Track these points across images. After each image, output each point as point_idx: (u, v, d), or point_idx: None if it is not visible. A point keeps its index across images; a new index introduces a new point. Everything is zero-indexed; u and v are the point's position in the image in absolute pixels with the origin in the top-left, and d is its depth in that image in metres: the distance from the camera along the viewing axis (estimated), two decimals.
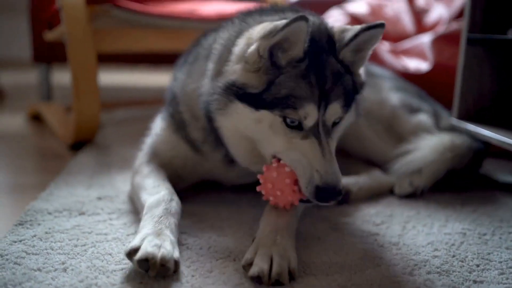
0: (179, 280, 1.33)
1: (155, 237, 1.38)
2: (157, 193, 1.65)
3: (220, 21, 3.03)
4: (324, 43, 1.56)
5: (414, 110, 2.33)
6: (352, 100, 1.62)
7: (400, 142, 2.24)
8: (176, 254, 1.38)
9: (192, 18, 3.02)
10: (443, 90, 2.78)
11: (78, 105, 2.63)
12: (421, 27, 3.51)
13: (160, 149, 1.94)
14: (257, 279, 1.32)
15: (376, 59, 3.04)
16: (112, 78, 5.69)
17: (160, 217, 1.50)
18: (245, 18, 1.75)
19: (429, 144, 2.14)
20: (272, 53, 1.49)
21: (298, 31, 1.44)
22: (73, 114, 2.67)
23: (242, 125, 1.57)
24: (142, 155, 1.98)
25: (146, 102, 4.01)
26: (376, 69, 2.57)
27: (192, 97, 1.80)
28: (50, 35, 3.21)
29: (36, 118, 3.56)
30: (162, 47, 3.05)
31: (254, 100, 1.51)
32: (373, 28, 1.53)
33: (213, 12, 3.11)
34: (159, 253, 1.32)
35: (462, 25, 2.35)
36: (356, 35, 1.54)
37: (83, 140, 2.77)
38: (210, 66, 1.69)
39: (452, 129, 2.35)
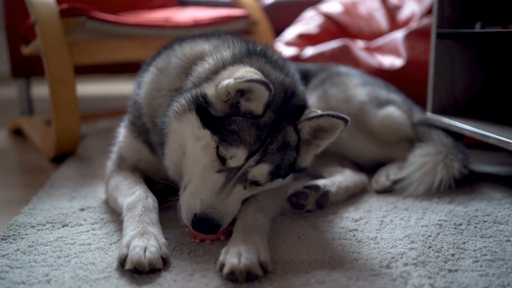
0: (161, 284, 1.35)
1: (140, 239, 1.45)
2: (132, 194, 1.72)
3: (195, 27, 3.08)
4: (290, 110, 1.64)
5: (382, 104, 2.36)
6: (283, 174, 1.66)
7: (371, 136, 2.29)
8: (163, 249, 1.46)
9: (167, 25, 3.03)
10: (417, 86, 2.82)
11: (57, 118, 2.64)
12: (394, 24, 3.57)
13: (125, 154, 2.00)
14: (232, 276, 1.35)
15: (350, 57, 3.09)
16: (93, 88, 5.67)
17: (141, 216, 1.58)
18: (225, 39, 1.89)
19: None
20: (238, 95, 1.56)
21: (259, 91, 1.50)
22: (53, 128, 2.68)
23: (186, 136, 1.62)
24: (111, 163, 2.04)
25: (127, 111, 4.00)
26: (342, 68, 2.61)
27: (157, 109, 1.82)
28: (26, 50, 3.21)
29: (18, 133, 3.55)
30: (140, 56, 3.05)
31: (208, 118, 1.57)
32: (338, 117, 1.58)
33: (188, 19, 3.13)
34: (146, 260, 1.39)
35: (432, 20, 2.40)
36: (321, 115, 1.60)
37: (65, 153, 2.78)
38: (189, 83, 1.72)
39: (426, 123, 2.39)
